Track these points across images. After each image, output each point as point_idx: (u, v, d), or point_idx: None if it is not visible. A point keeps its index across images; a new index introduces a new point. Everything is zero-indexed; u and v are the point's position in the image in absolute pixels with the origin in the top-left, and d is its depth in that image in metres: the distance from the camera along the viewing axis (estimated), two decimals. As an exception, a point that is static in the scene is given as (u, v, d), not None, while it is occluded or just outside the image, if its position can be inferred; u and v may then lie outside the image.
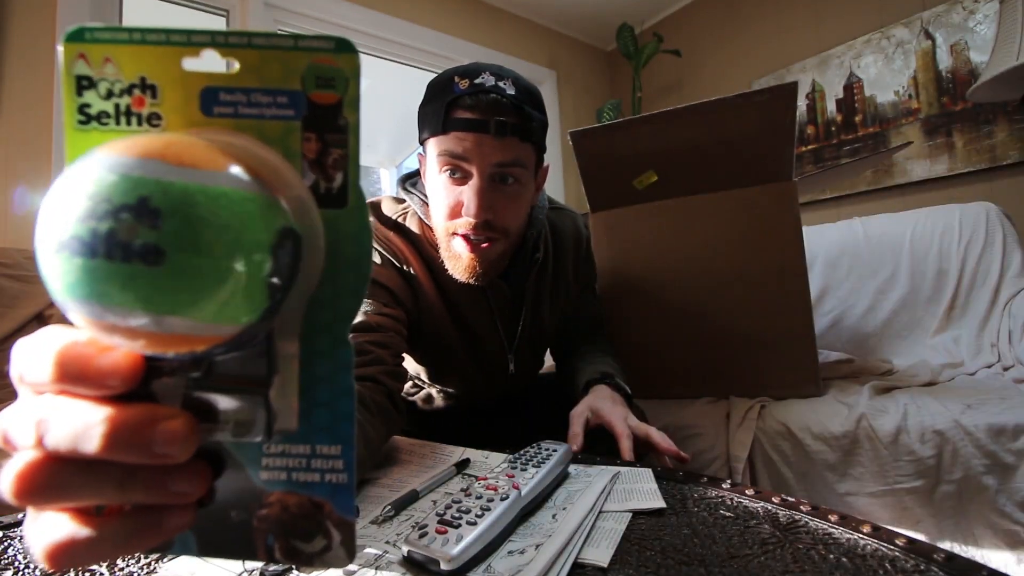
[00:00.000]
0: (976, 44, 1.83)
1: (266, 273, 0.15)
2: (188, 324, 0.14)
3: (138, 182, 0.13)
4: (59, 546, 0.16)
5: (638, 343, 1.05)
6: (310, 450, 0.19)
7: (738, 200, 0.97)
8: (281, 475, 0.19)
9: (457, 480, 0.50)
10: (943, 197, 1.87)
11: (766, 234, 0.95)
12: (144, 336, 0.14)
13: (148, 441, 0.15)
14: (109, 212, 0.13)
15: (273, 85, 0.17)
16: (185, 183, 0.14)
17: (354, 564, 0.33)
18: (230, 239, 0.14)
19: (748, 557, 0.33)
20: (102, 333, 0.14)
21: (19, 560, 0.35)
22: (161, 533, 0.17)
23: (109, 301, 0.13)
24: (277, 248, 0.15)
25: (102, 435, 0.15)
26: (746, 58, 2.54)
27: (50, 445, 0.15)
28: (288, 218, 0.15)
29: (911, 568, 0.30)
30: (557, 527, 0.37)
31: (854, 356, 1.18)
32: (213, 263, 0.14)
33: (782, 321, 0.94)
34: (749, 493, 0.43)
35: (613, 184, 1.04)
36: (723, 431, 0.90)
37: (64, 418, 0.15)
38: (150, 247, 0.13)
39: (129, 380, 0.15)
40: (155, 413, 0.16)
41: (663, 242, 1.02)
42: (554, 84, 2.88)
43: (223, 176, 0.14)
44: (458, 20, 2.50)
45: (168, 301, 0.14)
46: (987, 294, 1.22)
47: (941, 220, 1.34)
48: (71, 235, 0.13)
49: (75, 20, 1.54)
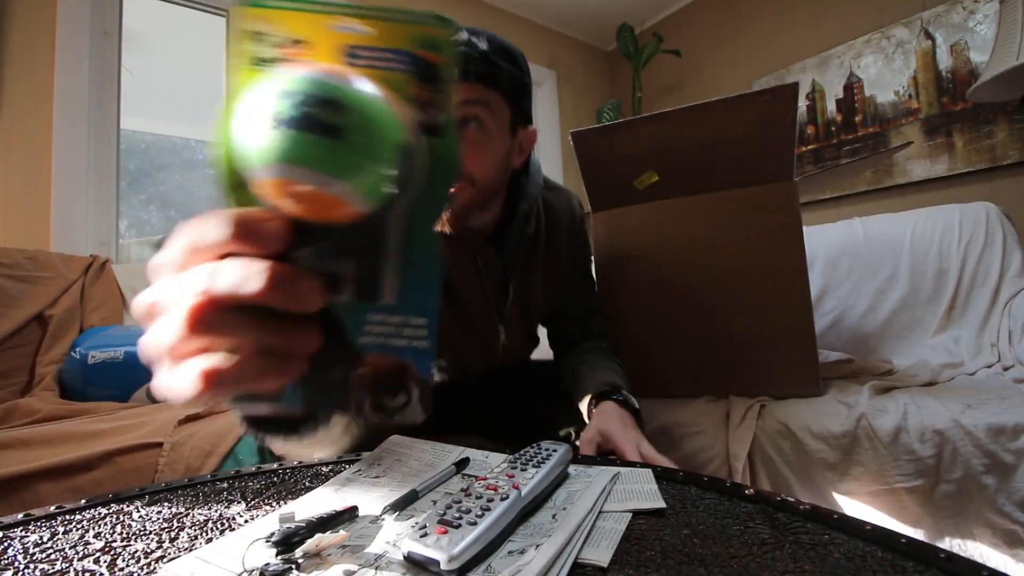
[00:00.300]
0: (976, 44, 1.83)
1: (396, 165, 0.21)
2: (345, 189, 0.20)
3: (326, 85, 0.19)
4: (211, 371, 0.20)
5: (639, 342, 1.06)
6: (403, 320, 0.24)
7: (739, 200, 0.97)
8: (378, 340, 0.24)
9: (457, 480, 0.50)
10: (943, 197, 1.87)
11: (767, 234, 0.95)
12: (310, 197, 0.19)
13: (292, 290, 0.20)
14: (308, 101, 0.19)
15: (396, 46, 0.23)
16: (358, 90, 0.20)
17: (354, 564, 0.33)
18: (385, 134, 0.20)
19: (748, 557, 0.33)
20: (279, 194, 0.20)
21: (19, 560, 0.35)
22: (280, 375, 0.21)
23: (300, 162, 0.19)
24: (404, 149, 0.21)
25: (263, 279, 0.19)
26: (746, 58, 2.54)
27: (217, 289, 0.20)
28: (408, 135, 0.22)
29: (911, 568, 0.30)
30: (557, 527, 0.37)
31: (854, 356, 1.18)
32: (374, 146, 0.20)
33: (782, 321, 0.94)
34: (749, 493, 0.43)
35: (614, 184, 1.04)
36: (723, 430, 0.90)
37: (232, 267, 0.20)
38: (337, 127, 0.19)
39: (284, 240, 0.20)
40: (299, 271, 0.20)
41: (664, 242, 1.03)
42: (554, 84, 2.88)
43: (380, 94, 0.21)
44: (458, 20, 2.50)
45: (340, 166, 0.19)
46: (987, 294, 1.22)
47: (941, 220, 1.34)
48: (282, 114, 0.19)
49: (75, 20, 1.54)
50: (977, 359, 1.13)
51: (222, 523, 0.42)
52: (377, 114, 0.20)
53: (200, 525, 0.41)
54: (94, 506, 0.46)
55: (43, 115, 1.48)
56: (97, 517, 0.43)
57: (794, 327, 0.93)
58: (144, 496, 0.48)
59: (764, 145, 0.93)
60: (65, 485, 0.77)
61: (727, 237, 0.97)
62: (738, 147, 0.94)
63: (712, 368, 1.00)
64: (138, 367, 1.15)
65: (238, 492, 0.49)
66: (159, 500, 0.47)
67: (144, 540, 0.38)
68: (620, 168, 1.02)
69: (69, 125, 1.51)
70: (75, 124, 1.52)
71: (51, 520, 0.43)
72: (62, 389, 1.14)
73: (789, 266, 0.93)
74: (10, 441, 0.82)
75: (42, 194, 1.46)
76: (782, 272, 0.94)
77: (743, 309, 0.96)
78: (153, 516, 0.43)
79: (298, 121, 0.19)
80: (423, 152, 0.23)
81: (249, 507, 0.45)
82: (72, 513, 0.44)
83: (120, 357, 1.14)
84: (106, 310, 1.32)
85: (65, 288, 1.29)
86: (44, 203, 1.46)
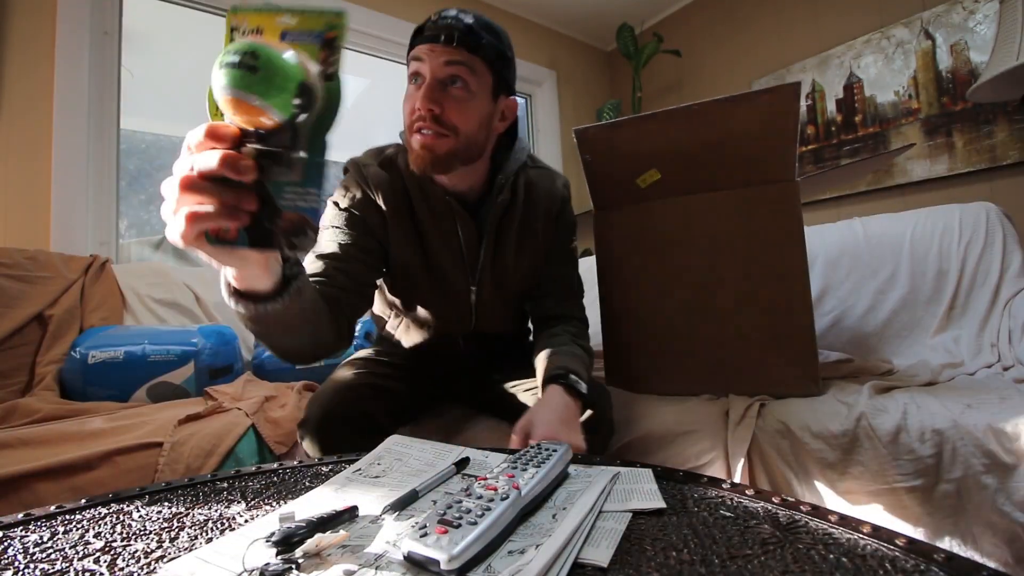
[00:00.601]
0: (976, 44, 1.83)
1: (297, 95, 0.35)
2: (263, 104, 0.35)
3: (251, 44, 0.35)
4: (192, 213, 0.37)
5: (641, 340, 1.06)
6: (303, 190, 0.38)
7: (740, 199, 0.97)
8: (289, 202, 0.38)
9: (457, 480, 0.50)
10: (943, 197, 1.87)
11: (768, 234, 0.95)
12: (243, 109, 0.35)
13: (236, 166, 0.35)
14: (239, 52, 0.34)
15: (310, 28, 0.38)
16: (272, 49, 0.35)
17: (354, 564, 0.33)
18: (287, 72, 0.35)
19: (748, 557, 0.33)
20: (230, 109, 0.35)
21: (19, 560, 0.35)
22: (234, 219, 0.37)
23: (233, 86, 0.34)
24: (303, 86, 0.36)
25: (219, 160, 0.35)
26: (746, 58, 2.54)
27: (196, 168, 0.36)
28: (309, 77, 0.36)
29: (911, 568, 0.30)
30: (557, 527, 0.37)
31: (854, 356, 1.18)
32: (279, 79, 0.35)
33: (783, 320, 0.94)
34: (749, 493, 0.44)
35: (616, 182, 1.05)
36: (722, 429, 0.90)
37: (204, 156, 0.36)
38: (253, 66, 0.34)
39: (234, 139, 0.36)
40: (242, 156, 0.36)
41: (666, 240, 1.03)
42: (554, 84, 2.88)
43: (291, 53, 0.36)
44: (458, 20, 2.51)
45: (256, 89, 0.34)
46: (987, 294, 1.22)
47: (941, 220, 1.34)
48: (225, 61, 0.34)
49: (75, 20, 1.54)
50: (977, 359, 1.13)
51: (222, 523, 0.42)
52: (282, 62, 0.35)
53: (200, 525, 0.41)
54: (94, 506, 0.46)
55: (43, 115, 1.48)
56: (97, 517, 0.43)
57: (794, 327, 0.93)
58: (144, 496, 0.48)
59: (766, 145, 0.93)
60: (65, 485, 0.77)
61: (728, 236, 0.97)
62: (740, 146, 0.94)
63: (713, 367, 1.00)
64: (138, 367, 1.15)
65: (238, 492, 0.49)
66: (159, 500, 0.47)
67: (144, 540, 0.38)
68: (622, 166, 1.02)
69: (69, 125, 1.51)
70: (75, 124, 1.52)
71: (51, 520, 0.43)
72: (62, 389, 1.14)
73: (790, 266, 0.93)
74: (10, 441, 0.83)
75: (42, 194, 1.46)
76: (783, 272, 0.94)
77: (744, 308, 0.96)
78: (153, 516, 0.43)
79: (232, 64, 0.34)
80: (321, 89, 0.37)
81: (249, 507, 0.45)
82: (72, 513, 0.44)
83: (120, 357, 1.14)
84: (106, 310, 1.32)
85: (65, 288, 1.29)
86: (44, 203, 1.46)
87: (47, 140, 1.48)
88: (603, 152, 1.02)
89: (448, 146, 0.74)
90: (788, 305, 0.94)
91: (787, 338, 0.94)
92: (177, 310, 1.43)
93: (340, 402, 0.81)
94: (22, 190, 1.44)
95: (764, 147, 0.93)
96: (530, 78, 2.81)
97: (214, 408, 1.02)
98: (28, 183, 1.45)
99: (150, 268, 1.49)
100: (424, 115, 0.73)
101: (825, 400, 0.91)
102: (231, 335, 1.33)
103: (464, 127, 0.75)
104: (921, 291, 1.29)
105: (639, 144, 0.99)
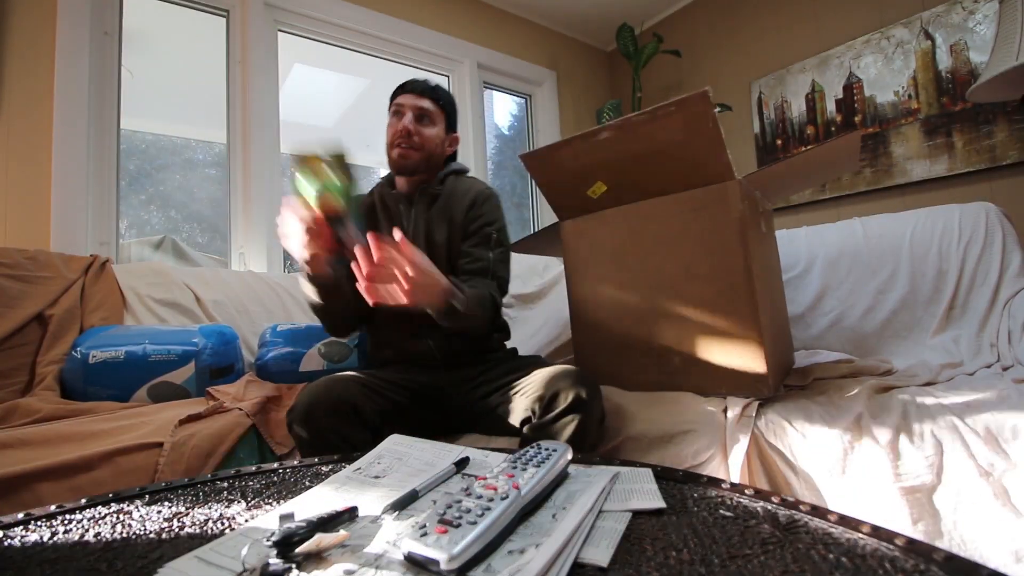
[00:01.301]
0: (976, 44, 1.83)
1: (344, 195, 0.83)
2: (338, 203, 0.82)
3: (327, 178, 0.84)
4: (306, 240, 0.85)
5: (602, 341, 1.12)
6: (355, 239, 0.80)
7: (684, 202, 0.99)
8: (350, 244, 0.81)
9: (457, 479, 0.50)
10: (943, 197, 1.87)
11: (712, 234, 0.96)
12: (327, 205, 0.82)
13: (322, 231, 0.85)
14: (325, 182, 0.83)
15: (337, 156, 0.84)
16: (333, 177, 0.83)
17: (354, 564, 0.33)
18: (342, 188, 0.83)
19: (748, 557, 0.33)
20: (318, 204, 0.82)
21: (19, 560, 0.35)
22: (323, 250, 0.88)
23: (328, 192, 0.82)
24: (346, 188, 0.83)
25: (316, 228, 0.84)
26: (746, 58, 2.54)
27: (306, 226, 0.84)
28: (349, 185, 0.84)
29: (911, 568, 0.30)
30: (557, 527, 0.37)
31: (853, 356, 1.18)
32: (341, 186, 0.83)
33: (728, 321, 0.94)
34: (749, 493, 0.44)
35: (570, 195, 1.13)
36: (720, 429, 0.90)
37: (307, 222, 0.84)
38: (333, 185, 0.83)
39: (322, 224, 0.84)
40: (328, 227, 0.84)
41: (622, 245, 1.08)
42: (554, 84, 2.88)
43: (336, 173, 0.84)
44: (458, 20, 2.51)
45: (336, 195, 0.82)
46: (987, 294, 1.22)
47: (941, 220, 1.34)
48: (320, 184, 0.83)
49: (75, 20, 1.54)
50: (977, 359, 1.13)
51: (222, 523, 0.42)
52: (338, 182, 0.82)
53: (200, 525, 0.41)
54: (94, 506, 0.46)
55: (43, 115, 1.48)
56: (97, 517, 0.43)
57: (741, 327, 0.93)
58: (144, 496, 0.48)
59: (695, 150, 0.94)
60: (65, 485, 0.77)
61: (677, 238, 1.00)
62: (672, 154, 0.97)
63: (670, 369, 1.02)
64: (139, 367, 1.15)
65: (238, 492, 0.49)
66: (159, 500, 0.47)
67: (144, 540, 0.39)
68: (572, 181, 1.10)
69: (69, 125, 1.51)
70: (75, 124, 1.52)
71: (51, 520, 0.43)
72: (63, 389, 1.13)
73: (730, 266, 0.93)
74: (10, 441, 0.82)
75: (42, 194, 1.46)
76: (726, 272, 0.94)
77: (695, 309, 0.98)
78: (153, 516, 0.43)
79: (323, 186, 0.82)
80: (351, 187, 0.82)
81: (249, 507, 0.45)
82: (72, 513, 0.44)
83: (121, 357, 1.14)
84: (106, 310, 1.32)
85: (65, 288, 1.29)
86: (44, 203, 1.46)
87: (47, 140, 1.48)
88: (551, 170, 1.11)
89: (416, 158, 1.11)
90: (732, 306, 0.93)
91: (734, 339, 0.94)
92: (177, 310, 1.43)
93: (327, 392, 0.88)
94: (22, 190, 1.44)
95: (694, 153, 0.95)
96: (530, 78, 2.81)
97: (215, 408, 1.02)
98: (28, 183, 1.45)
99: (150, 268, 1.49)
100: (404, 135, 1.09)
101: (824, 400, 0.91)
102: (232, 335, 1.33)
103: (427, 146, 1.11)
104: (921, 291, 1.29)
105: (581, 160, 1.05)
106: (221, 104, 1.90)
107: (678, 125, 0.93)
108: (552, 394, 0.85)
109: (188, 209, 2.26)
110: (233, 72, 1.91)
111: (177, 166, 2.24)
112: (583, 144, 1.03)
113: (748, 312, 0.92)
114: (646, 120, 0.94)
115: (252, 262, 1.82)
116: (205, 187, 2.26)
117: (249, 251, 1.83)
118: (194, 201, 2.26)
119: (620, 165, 1.03)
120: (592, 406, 0.85)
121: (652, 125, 0.95)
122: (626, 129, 0.97)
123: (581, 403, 0.83)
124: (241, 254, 1.83)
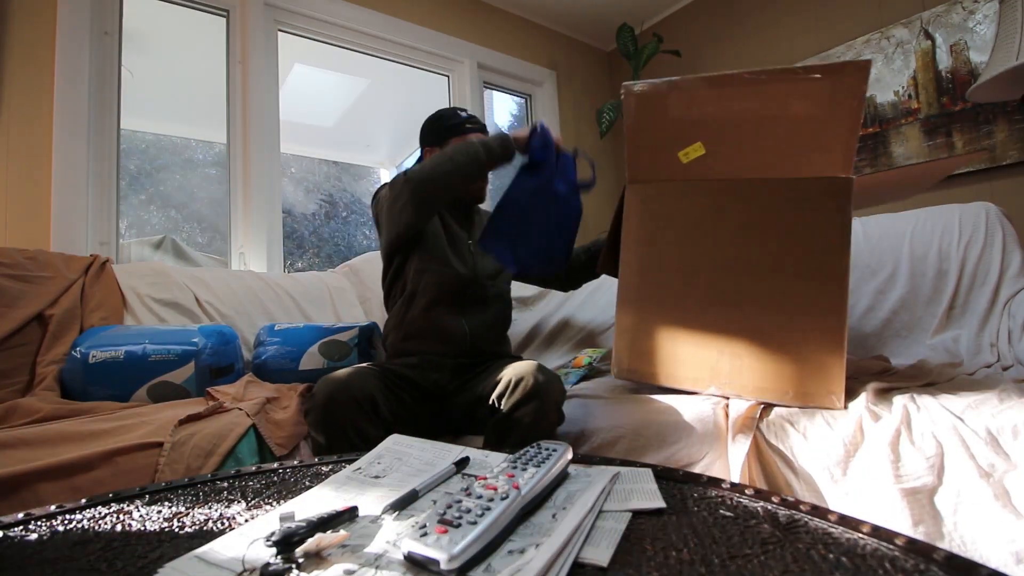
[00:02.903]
0: (976, 44, 1.83)
1: None
2: None
3: None
4: None
5: (656, 325, 1.01)
6: None
7: (787, 189, 0.89)
8: None
9: (457, 479, 0.50)
10: (943, 197, 1.87)
11: (811, 230, 0.88)
12: None
13: None
14: None
15: None
16: None
17: (354, 564, 0.33)
18: None
19: (748, 557, 0.33)
20: None
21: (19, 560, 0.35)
22: None
23: None
24: None
25: None
26: (746, 58, 2.54)
27: None
28: None
29: (911, 568, 0.30)
30: (557, 527, 0.37)
31: (854, 356, 1.18)
32: None
33: (813, 325, 0.87)
34: (749, 493, 0.44)
35: (657, 151, 0.99)
36: (722, 430, 0.90)
37: None
38: None
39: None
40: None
41: (699, 222, 0.97)
42: (554, 84, 2.88)
43: None
44: (458, 20, 2.50)
45: None
46: (987, 294, 1.22)
47: (941, 220, 1.34)
48: None
49: (75, 20, 1.54)
50: (977, 359, 1.13)
51: (222, 523, 0.42)
52: None
53: (200, 525, 0.41)
54: (94, 506, 0.46)
55: (43, 115, 1.48)
56: (97, 517, 0.43)
57: (825, 334, 0.86)
58: (144, 496, 0.48)
59: (825, 130, 0.84)
60: (65, 485, 0.77)
61: (767, 227, 0.91)
62: (793, 129, 0.86)
63: (729, 363, 0.95)
64: (139, 367, 1.15)
65: (238, 492, 0.49)
66: (159, 500, 0.47)
67: (144, 540, 0.38)
68: (669, 133, 0.96)
69: (69, 125, 1.51)
70: (75, 124, 1.52)
71: (51, 520, 0.43)
72: (63, 389, 1.13)
73: (830, 268, 0.86)
74: (10, 441, 0.82)
75: (42, 194, 1.46)
76: (821, 273, 0.87)
77: (773, 306, 0.90)
78: (153, 516, 0.43)
79: None
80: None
81: (249, 507, 0.45)
82: (72, 513, 0.44)
83: (121, 357, 1.14)
84: (106, 310, 1.32)
85: (65, 288, 1.29)
86: (44, 203, 1.46)
87: (47, 140, 1.48)
88: (652, 113, 0.96)
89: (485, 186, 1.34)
90: (821, 311, 0.86)
91: (814, 346, 0.88)
92: (177, 310, 1.43)
93: (347, 383, 0.91)
94: (22, 190, 1.44)
95: (822, 131, 0.84)
96: (530, 78, 2.81)
97: (215, 408, 1.02)
98: (28, 183, 1.45)
99: (150, 268, 1.49)
100: None
101: (825, 400, 0.90)
102: (231, 335, 1.33)
103: None
104: (921, 291, 1.29)
105: (690, 110, 0.92)
106: (221, 104, 1.89)
107: (820, 95, 0.82)
108: (515, 382, 0.92)
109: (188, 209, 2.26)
110: (233, 72, 1.91)
111: (177, 166, 2.24)
112: (702, 89, 0.91)
113: (836, 319, 0.85)
114: (784, 77, 0.83)
115: (252, 262, 1.82)
116: (205, 187, 2.26)
117: (249, 251, 1.83)
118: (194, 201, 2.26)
119: (726, 129, 0.91)
120: (550, 389, 0.92)
121: (788, 86, 0.84)
122: (762, 85, 0.85)
123: (539, 388, 0.91)
124: (241, 254, 1.83)
